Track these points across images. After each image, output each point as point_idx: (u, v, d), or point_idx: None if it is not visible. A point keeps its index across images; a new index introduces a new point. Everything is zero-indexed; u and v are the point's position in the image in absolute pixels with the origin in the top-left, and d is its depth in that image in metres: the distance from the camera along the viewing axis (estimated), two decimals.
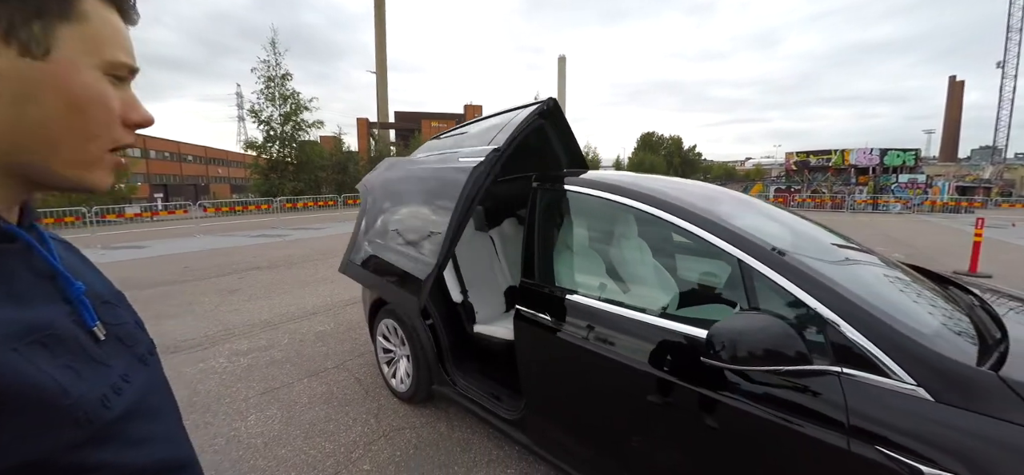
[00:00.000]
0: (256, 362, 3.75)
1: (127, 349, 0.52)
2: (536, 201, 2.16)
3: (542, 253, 2.06)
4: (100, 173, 0.47)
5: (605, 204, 1.95)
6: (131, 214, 16.30)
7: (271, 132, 24.34)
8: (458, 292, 2.76)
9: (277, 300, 5.70)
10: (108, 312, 0.53)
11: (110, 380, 0.46)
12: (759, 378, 1.28)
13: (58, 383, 0.39)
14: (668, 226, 1.68)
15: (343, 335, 4.35)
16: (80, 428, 0.40)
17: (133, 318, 0.59)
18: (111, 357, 0.48)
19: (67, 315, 0.46)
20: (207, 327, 4.71)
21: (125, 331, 0.54)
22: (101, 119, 0.46)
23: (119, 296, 0.59)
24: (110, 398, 0.45)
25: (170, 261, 8.72)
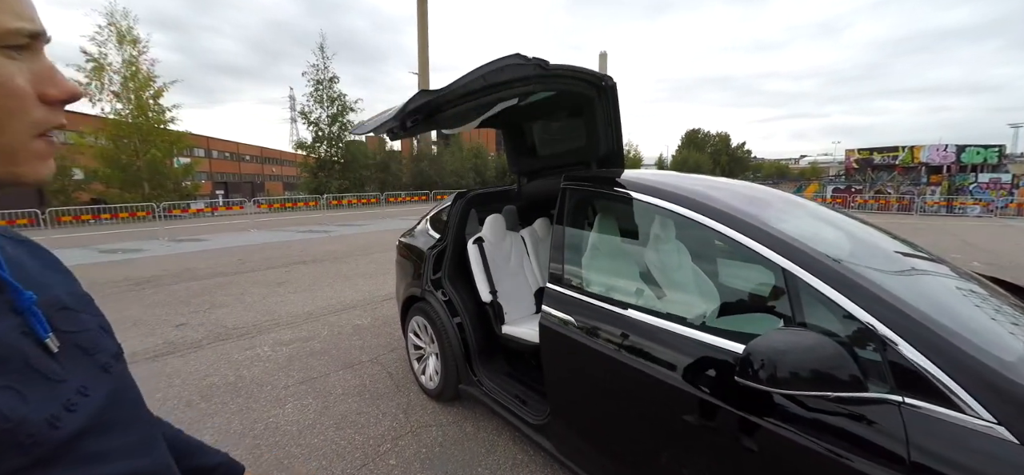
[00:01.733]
0: (297, 352, 3.92)
1: (88, 358, 0.49)
2: (565, 202, 2.09)
3: (571, 256, 1.99)
4: (30, 165, 0.42)
5: (639, 206, 1.85)
6: (194, 209, 17.57)
7: (319, 132, 25.55)
8: (487, 292, 2.74)
9: (319, 293, 5.95)
10: (67, 319, 0.49)
11: (62, 397, 0.43)
12: (805, 403, 1.16)
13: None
14: (707, 231, 1.57)
15: (378, 329, 4.46)
16: (24, 452, 0.37)
17: (98, 322, 0.55)
18: (67, 369, 0.45)
19: (15, 328, 0.42)
20: (255, 316, 4.98)
21: (87, 338, 0.51)
22: (4, 104, 0.39)
23: (84, 300, 0.55)
24: (60, 417, 0.41)
25: (227, 254, 9.33)
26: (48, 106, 0.42)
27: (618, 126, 2.50)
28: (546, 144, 2.97)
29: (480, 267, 2.79)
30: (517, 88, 2.02)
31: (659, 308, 1.69)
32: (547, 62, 1.93)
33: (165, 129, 19.75)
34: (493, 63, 1.77)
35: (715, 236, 1.54)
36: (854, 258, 1.46)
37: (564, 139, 2.81)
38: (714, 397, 1.35)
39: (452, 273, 2.88)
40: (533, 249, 3.15)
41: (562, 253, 1.99)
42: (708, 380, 1.39)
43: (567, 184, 2.12)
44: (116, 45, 18.36)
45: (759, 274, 1.93)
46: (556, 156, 2.87)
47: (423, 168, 31.99)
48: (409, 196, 27.10)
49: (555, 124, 2.80)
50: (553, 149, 2.91)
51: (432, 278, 2.84)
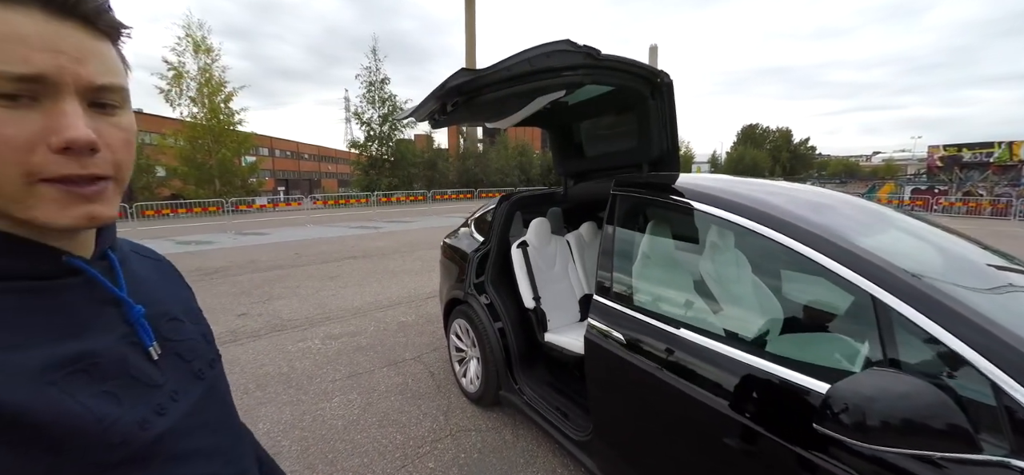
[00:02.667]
0: (345, 347, 4.06)
1: (184, 364, 0.55)
2: (615, 209, 1.98)
3: (620, 267, 1.88)
4: (43, 207, 0.41)
5: (698, 217, 1.71)
6: (258, 205, 18.90)
7: (371, 132, 26.61)
8: (531, 298, 2.68)
9: (368, 288, 6.15)
10: (172, 329, 0.56)
11: (154, 401, 0.48)
12: (896, 460, 0.99)
13: (91, 412, 0.41)
14: (774, 246, 1.41)
15: (422, 327, 4.54)
16: (113, 450, 0.42)
17: (202, 331, 0.62)
18: (165, 375, 0.51)
19: (123, 339, 0.48)
20: (308, 309, 5.23)
21: (187, 346, 0.57)
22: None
23: (193, 312, 0.63)
24: (150, 420, 0.46)
25: (286, 247, 9.91)
26: (57, 154, 0.41)
27: (673, 127, 2.35)
28: (594, 145, 2.86)
29: (524, 272, 2.73)
30: (564, 77, 1.90)
31: (716, 327, 1.55)
32: (598, 51, 1.81)
33: (234, 130, 21.39)
34: (540, 47, 1.69)
35: (784, 252, 1.38)
36: (953, 280, 1.25)
37: (614, 139, 2.68)
38: (780, 437, 1.20)
39: (495, 277, 2.84)
40: (579, 254, 3.05)
41: (611, 263, 1.89)
42: (773, 416, 1.24)
43: (618, 190, 2.01)
44: (193, 54, 20.10)
45: (829, 289, 1.73)
46: (605, 158, 2.74)
47: (469, 166, 32.39)
48: (455, 194, 27.60)
49: (604, 123, 2.68)
50: (602, 150, 2.79)
51: (475, 282, 2.82)
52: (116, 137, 0.45)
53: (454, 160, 33.27)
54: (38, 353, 0.40)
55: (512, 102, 2.18)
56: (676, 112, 2.32)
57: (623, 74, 2.08)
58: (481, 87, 1.74)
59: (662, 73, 2.19)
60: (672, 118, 2.33)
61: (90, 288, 0.48)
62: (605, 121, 2.68)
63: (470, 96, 1.73)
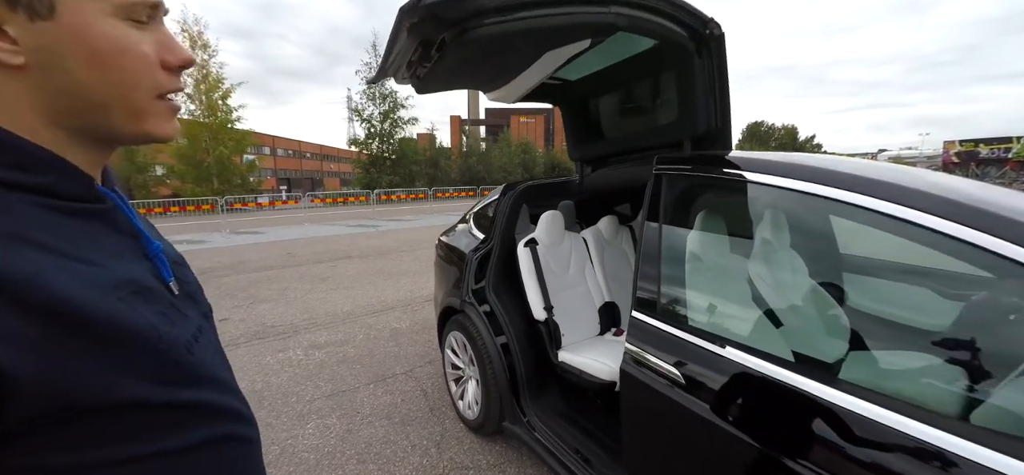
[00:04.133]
0: (329, 358, 3.60)
1: (196, 306, 0.55)
2: (659, 196, 1.49)
3: (670, 274, 1.40)
4: (155, 122, 0.47)
5: (803, 202, 1.21)
6: (252, 203, 18.59)
7: (372, 129, 26.18)
8: (541, 307, 2.21)
9: (360, 291, 5.70)
10: (181, 271, 0.56)
11: (191, 329, 0.50)
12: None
13: (155, 328, 0.43)
14: (918, 232, 0.93)
15: (416, 335, 4.07)
16: (171, 369, 0.44)
17: (195, 279, 0.60)
18: (187, 310, 0.52)
19: (148, 271, 0.48)
20: (294, 314, 4.78)
21: (192, 289, 0.57)
22: (131, 67, 0.44)
23: (183, 259, 0.61)
24: (193, 345, 0.48)
25: (278, 247, 9.47)
26: (167, 71, 0.46)
27: (725, 94, 1.85)
28: (618, 122, 2.38)
29: (533, 276, 2.26)
30: (586, 10, 1.40)
31: (820, 362, 1.07)
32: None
33: (232, 128, 21.00)
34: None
35: (933, 240, 0.90)
36: None
37: (644, 113, 2.20)
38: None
39: (498, 282, 2.37)
40: (597, 254, 2.57)
41: (656, 269, 1.40)
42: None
43: (664, 169, 1.52)
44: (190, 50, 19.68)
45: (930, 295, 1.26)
46: (632, 137, 2.25)
47: (471, 164, 32.01)
48: (457, 191, 27.13)
49: (632, 94, 2.20)
50: (628, 128, 2.30)
51: (474, 287, 2.35)
52: None
53: (457, 158, 32.89)
54: (106, 270, 0.42)
55: (517, 57, 1.70)
56: (728, 74, 1.83)
57: (661, 19, 1.59)
58: (477, 13, 1.23)
59: (712, 22, 1.70)
60: (723, 82, 1.84)
61: (114, 219, 0.48)
62: (634, 91, 2.19)
63: (461, 30, 1.24)
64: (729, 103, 1.87)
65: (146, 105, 0.45)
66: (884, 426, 0.87)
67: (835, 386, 0.96)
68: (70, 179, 0.44)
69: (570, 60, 1.90)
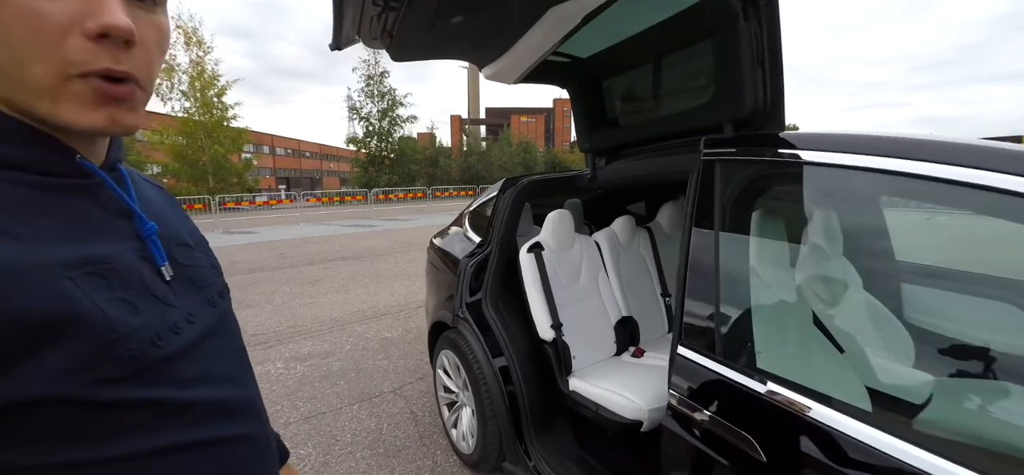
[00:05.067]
0: (312, 373, 3.26)
1: (198, 290, 0.52)
2: (712, 188, 1.14)
3: (733, 296, 1.05)
4: (68, 107, 0.38)
5: (934, 191, 0.85)
6: (247, 203, 18.34)
7: (370, 127, 25.82)
8: (548, 325, 1.86)
9: (352, 295, 5.36)
10: (183, 253, 0.53)
11: (169, 319, 0.45)
12: None
13: (106, 316, 0.39)
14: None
15: (408, 346, 3.72)
16: (121, 364, 0.39)
17: (210, 261, 0.58)
18: (178, 296, 0.48)
19: (136, 251, 0.45)
20: (279, 321, 4.44)
21: (199, 273, 0.54)
22: (26, 34, 0.35)
23: (200, 240, 0.59)
24: (164, 337, 0.44)
25: (271, 247, 9.13)
26: (91, 42, 0.37)
27: (777, 66, 1.50)
28: (639, 105, 2.03)
29: (538, 286, 1.92)
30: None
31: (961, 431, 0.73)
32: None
33: (228, 126, 20.65)
34: None
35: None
36: None
37: (672, 94, 1.85)
38: None
39: (496, 294, 2.02)
40: (612, 261, 2.23)
41: (712, 290, 1.05)
42: None
43: (718, 154, 1.17)
44: (184, 46, 19.35)
45: None
46: (656, 123, 1.90)
47: (472, 163, 31.71)
48: (456, 191, 26.78)
49: (659, 70, 1.85)
50: (652, 112, 1.95)
51: (468, 300, 2.00)
52: (152, 35, 0.43)
53: (456, 157, 32.60)
54: (55, 248, 0.38)
55: (509, 15, 1.36)
56: (781, 42, 1.48)
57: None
58: None
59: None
60: (774, 51, 1.49)
61: (101, 195, 0.45)
62: (659, 67, 1.85)
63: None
64: (782, 78, 1.52)
65: (52, 83, 0.37)
66: None
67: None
68: (44, 152, 0.40)
69: (580, 26, 1.56)
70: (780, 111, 1.53)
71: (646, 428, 1.57)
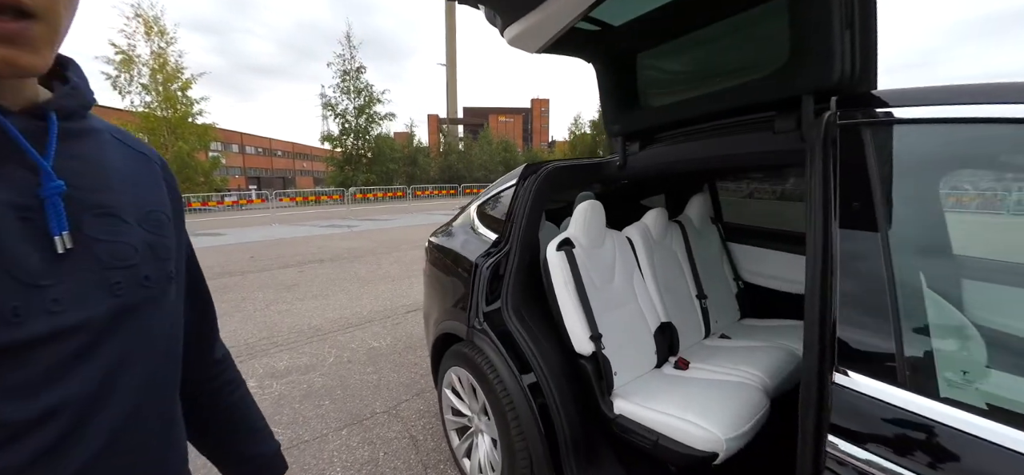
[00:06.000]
0: (290, 392, 2.85)
1: (98, 272, 0.44)
2: (865, 167, 0.85)
3: (915, 303, 0.77)
4: None
5: None
6: (213, 202, 17.49)
7: (346, 125, 24.97)
8: (586, 338, 1.55)
9: (332, 300, 4.93)
10: (103, 226, 0.45)
11: (38, 297, 0.39)
12: None
13: None
14: None
15: (400, 357, 3.35)
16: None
17: (151, 241, 0.50)
18: (62, 273, 0.41)
19: (13, 209, 0.39)
20: (250, 332, 3.99)
21: (112, 250, 0.45)
22: None
23: (153, 220, 0.51)
24: (23, 313, 0.37)
25: (240, 250, 8.51)
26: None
27: (869, 25, 1.23)
28: (685, 79, 1.75)
29: (572, 291, 1.60)
30: None
31: None
32: None
33: (193, 122, 19.54)
34: None
35: None
36: None
37: (730, 63, 1.58)
38: None
39: (518, 300, 1.70)
40: (647, 259, 1.94)
41: (884, 295, 0.75)
42: None
43: (867, 118, 0.87)
44: (144, 37, 18.17)
45: None
46: (707, 99, 1.60)
47: (451, 162, 31.22)
48: (436, 190, 26.21)
49: (711, 35, 1.57)
50: (699, 87, 1.67)
51: (486, 310, 1.67)
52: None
53: (435, 156, 32.05)
54: None
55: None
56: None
57: None
58: None
59: None
60: (867, 7, 1.22)
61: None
62: (711, 30, 1.56)
63: None
64: (875, 40, 1.26)
65: None
66: None
67: None
68: None
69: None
70: (871, 77, 1.27)
71: (721, 460, 1.29)
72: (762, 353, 1.85)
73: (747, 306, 2.42)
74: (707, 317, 2.13)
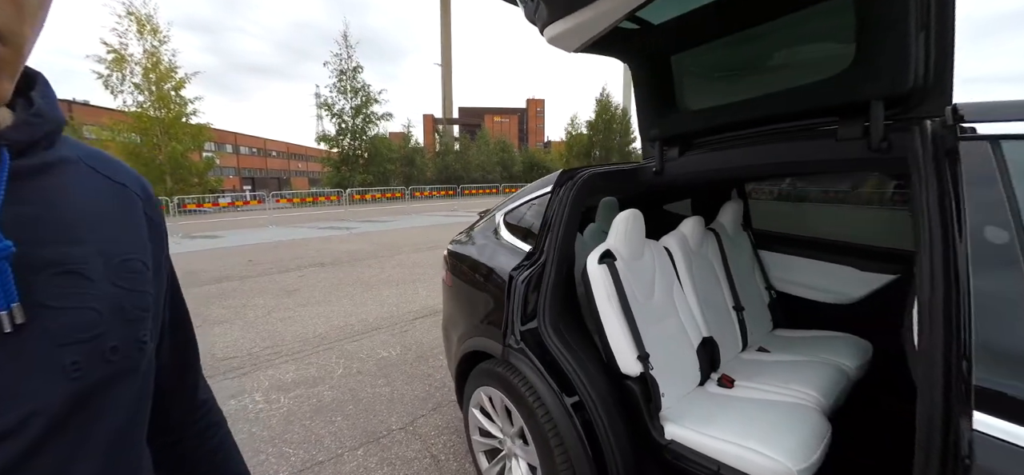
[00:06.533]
0: (299, 406, 2.73)
1: (49, 348, 0.34)
2: (1007, 177, 0.75)
3: None
4: None
5: None
6: (208, 204, 17.27)
7: (342, 125, 24.74)
8: (634, 358, 1.45)
9: (336, 306, 4.79)
10: (58, 288, 0.36)
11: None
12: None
13: None
14: None
15: (412, 367, 3.23)
16: None
17: (121, 300, 0.40)
18: (14, 356, 0.33)
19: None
20: (253, 340, 3.85)
21: (66, 320, 0.36)
22: None
23: (123, 269, 0.41)
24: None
25: (237, 253, 8.34)
26: None
27: (947, 20, 1.14)
28: (727, 82, 1.65)
29: (616, 307, 1.50)
30: None
31: None
32: None
33: (187, 122, 19.25)
34: None
35: None
36: None
37: (781, 64, 1.48)
38: None
39: (555, 315, 1.59)
40: (687, 271, 1.84)
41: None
42: None
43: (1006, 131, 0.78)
44: (137, 35, 17.87)
45: None
46: (756, 104, 1.50)
47: (449, 162, 31.05)
48: (435, 191, 26.03)
49: (765, 33, 1.47)
50: (748, 90, 1.56)
51: (522, 328, 1.56)
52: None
53: (432, 157, 31.88)
54: None
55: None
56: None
57: None
58: None
59: None
60: (945, 6, 1.12)
61: None
62: (761, 32, 1.47)
63: None
64: (952, 44, 1.16)
65: None
66: None
67: None
68: None
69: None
70: (946, 86, 1.17)
71: None
72: (808, 369, 1.75)
73: (779, 316, 2.33)
74: (744, 329, 2.03)
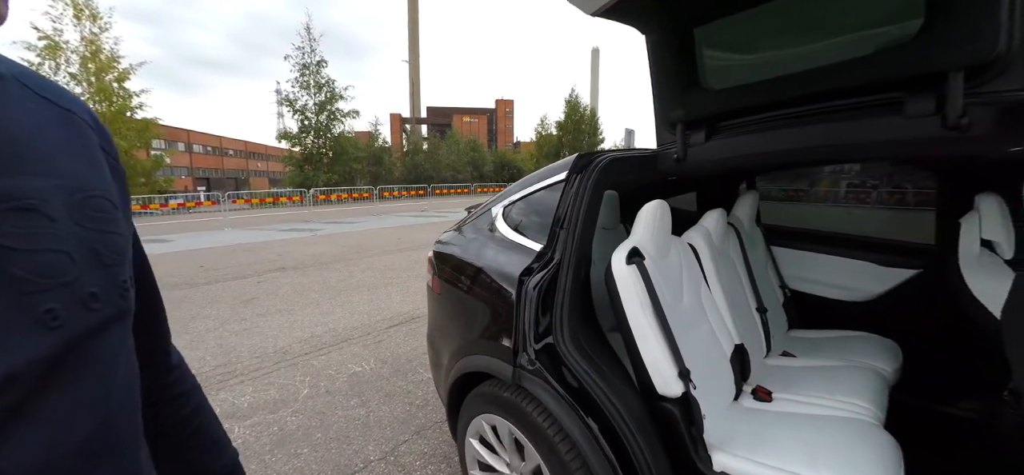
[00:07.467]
0: (256, 438, 2.34)
1: (16, 298, 0.30)
2: None
3: None
4: None
5: None
6: (155, 205, 16.17)
7: (305, 122, 23.62)
8: (675, 375, 1.20)
9: (299, 315, 4.35)
10: (17, 228, 0.31)
11: None
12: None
13: None
14: None
15: (388, 384, 2.89)
16: None
17: (91, 241, 0.36)
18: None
19: None
20: (203, 358, 3.38)
21: (31, 263, 0.32)
22: None
23: (86, 204, 0.36)
24: None
25: (188, 258, 7.62)
26: None
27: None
28: (765, 53, 1.43)
29: (650, 316, 1.24)
30: None
31: None
32: None
33: (132, 117, 17.80)
34: None
35: None
36: None
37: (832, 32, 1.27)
38: None
39: (575, 327, 1.32)
40: (714, 270, 1.62)
41: None
42: None
43: None
44: (73, 20, 16.34)
45: None
46: (804, 78, 1.28)
47: (418, 161, 30.33)
48: (405, 191, 25.30)
49: None
50: (793, 63, 1.35)
51: (535, 345, 1.28)
52: None
53: (400, 156, 31.08)
54: None
55: None
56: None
57: None
58: None
59: None
60: None
61: None
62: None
63: None
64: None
65: None
66: None
67: None
68: None
69: None
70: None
71: None
72: (845, 375, 1.57)
73: (793, 316, 2.16)
74: (768, 332, 1.84)
